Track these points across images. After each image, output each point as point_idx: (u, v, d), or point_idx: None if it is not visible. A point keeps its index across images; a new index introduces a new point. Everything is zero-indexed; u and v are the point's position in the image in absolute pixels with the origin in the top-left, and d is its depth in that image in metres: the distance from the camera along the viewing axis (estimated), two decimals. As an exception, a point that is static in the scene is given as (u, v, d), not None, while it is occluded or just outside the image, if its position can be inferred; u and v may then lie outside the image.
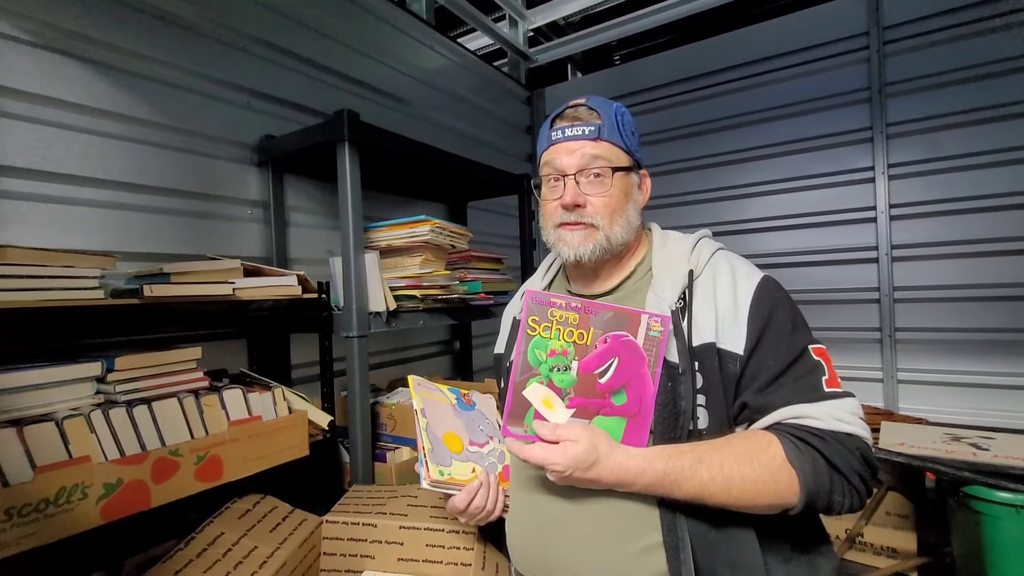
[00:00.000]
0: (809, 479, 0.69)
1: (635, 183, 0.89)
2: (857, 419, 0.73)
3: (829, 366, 0.76)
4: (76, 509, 0.86)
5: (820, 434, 0.71)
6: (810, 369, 0.75)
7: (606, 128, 0.85)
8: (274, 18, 1.67)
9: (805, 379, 0.75)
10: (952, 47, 2.09)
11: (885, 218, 2.20)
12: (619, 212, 0.85)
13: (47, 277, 0.92)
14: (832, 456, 0.70)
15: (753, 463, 0.70)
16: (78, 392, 0.94)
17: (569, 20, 3.29)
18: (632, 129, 0.89)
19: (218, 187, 1.53)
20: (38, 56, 1.18)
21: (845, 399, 0.74)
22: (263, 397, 1.20)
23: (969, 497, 1.21)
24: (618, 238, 0.85)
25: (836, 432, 0.71)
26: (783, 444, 0.71)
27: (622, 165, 0.86)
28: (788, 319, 0.78)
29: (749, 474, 0.70)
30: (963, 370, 2.10)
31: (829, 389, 0.74)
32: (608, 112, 0.86)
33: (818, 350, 0.77)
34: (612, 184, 0.84)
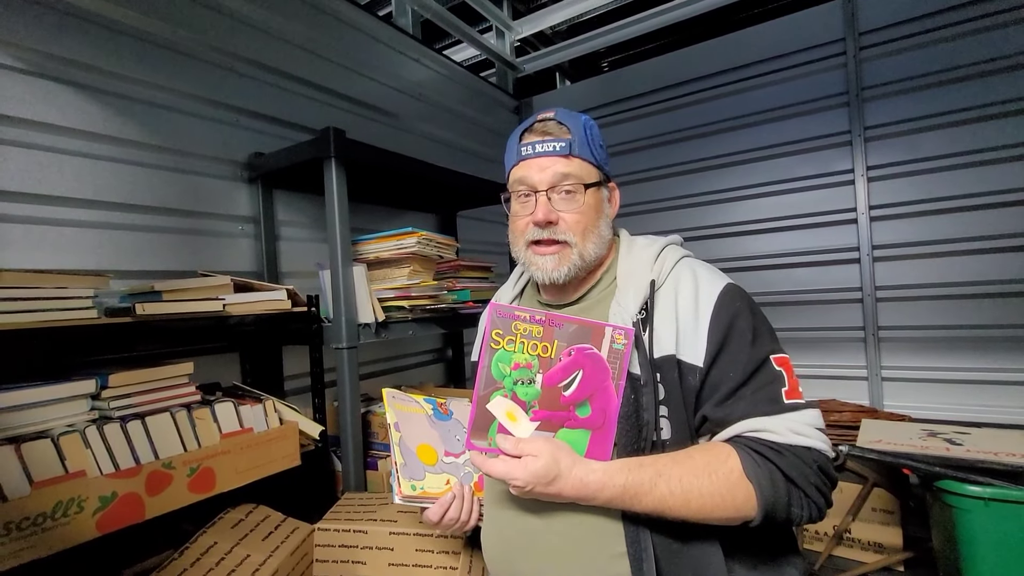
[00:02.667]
0: (766, 493, 0.70)
1: (605, 197, 0.90)
2: (815, 431, 0.73)
3: (790, 376, 0.76)
4: (73, 522, 0.89)
5: (777, 447, 0.71)
6: (770, 380, 0.76)
7: (576, 143, 0.85)
8: (261, 37, 1.72)
9: (764, 391, 0.75)
10: (927, 51, 2.14)
11: (865, 219, 2.25)
12: (591, 228, 0.86)
13: (42, 299, 0.95)
14: (789, 470, 0.70)
15: (711, 477, 0.71)
16: (73, 409, 0.97)
17: (556, 29, 3.34)
18: (600, 142, 0.89)
19: (209, 204, 1.56)
20: (32, 83, 1.22)
21: (804, 411, 0.74)
22: (254, 409, 1.23)
23: (942, 491, 1.25)
24: (591, 254, 0.86)
25: (793, 446, 0.71)
26: (741, 457, 0.72)
27: (593, 181, 0.86)
28: (748, 328, 0.78)
29: (707, 488, 0.70)
30: (945, 366, 2.14)
31: (789, 401, 0.74)
32: (578, 127, 0.86)
33: (780, 360, 0.77)
34: (584, 201, 0.85)
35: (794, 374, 0.77)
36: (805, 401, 0.75)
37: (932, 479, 1.27)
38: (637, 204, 2.79)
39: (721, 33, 2.63)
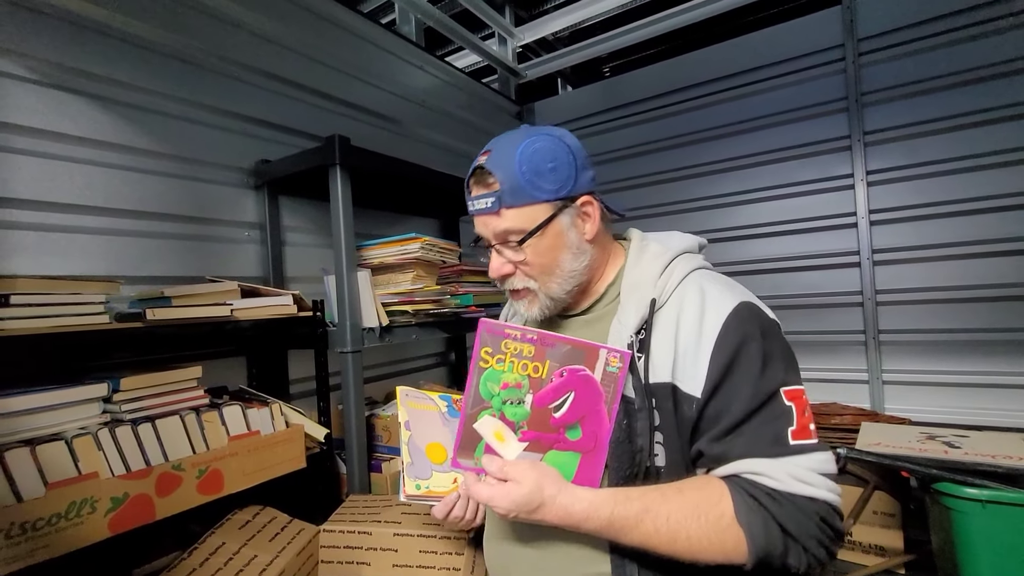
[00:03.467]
0: (759, 542, 0.65)
1: (567, 224, 0.80)
2: (821, 479, 0.66)
3: (801, 412, 0.69)
4: (86, 523, 0.92)
5: (775, 495, 0.66)
6: (775, 416, 0.69)
7: (506, 193, 0.77)
8: (267, 47, 1.75)
9: (768, 428, 0.68)
10: (925, 57, 2.16)
11: (865, 223, 2.26)
12: (550, 268, 0.81)
13: (56, 304, 0.97)
14: (786, 521, 0.65)
15: (700, 519, 0.67)
16: (86, 412, 0.99)
17: (558, 36, 3.37)
18: (551, 164, 0.78)
19: (216, 211, 1.59)
20: (44, 94, 1.25)
21: (812, 454, 0.67)
22: (261, 412, 1.26)
23: (940, 494, 1.26)
24: (559, 292, 0.82)
25: (793, 495, 0.65)
26: (735, 500, 0.67)
27: (536, 225, 0.78)
28: (758, 356, 0.70)
29: (695, 531, 0.66)
30: (946, 370, 2.15)
31: (795, 442, 0.67)
32: (508, 170, 0.77)
33: (792, 393, 0.70)
34: (528, 250, 0.80)
35: (807, 410, 0.70)
36: (815, 442, 0.68)
37: (930, 481, 1.29)
38: (640, 208, 2.81)
39: (722, 39, 2.66)
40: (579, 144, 0.84)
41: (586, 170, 0.82)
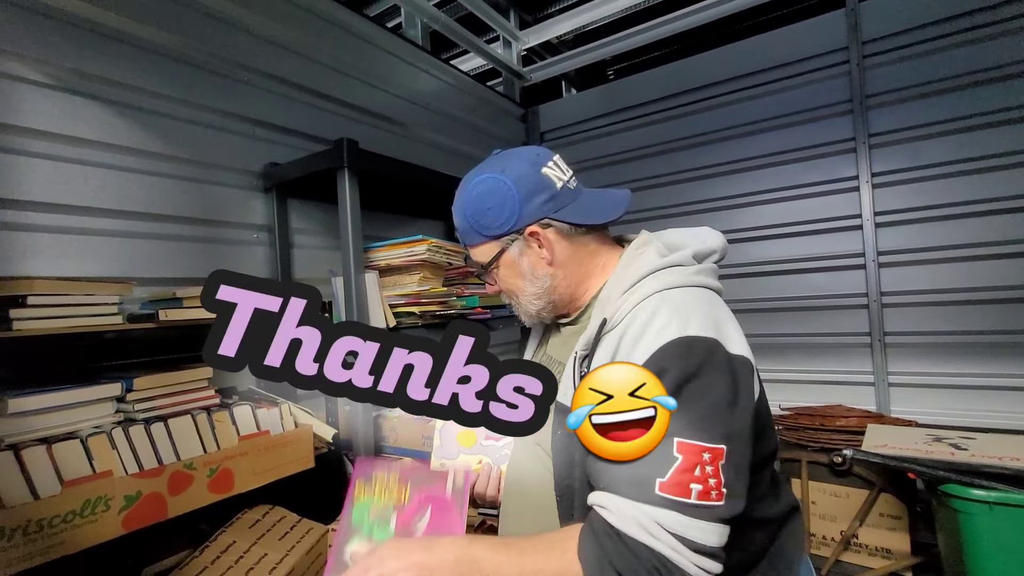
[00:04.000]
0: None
1: (516, 254, 0.84)
2: (667, 535, 0.61)
3: (686, 470, 0.63)
4: (100, 520, 0.93)
5: (612, 534, 0.63)
6: (651, 462, 0.64)
7: (462, 235, 0.89)
8: (277, 51, 1.77)
9: (637, 471, 0.65)
10: (929, 60, 2.16)
11: (871, 225, 2.26)
12: (513, 292, 0.89)
13: (71, 305, 0.99)
14: (616, 560, 0.62)
15: (549, 554, 0.67)
16: (100, 411, 1.01)
17: (562, 39, 3.39)
18: (488, 207, 0.82)
19: (226, 213, 1.61)
20: (59, 98, 1.27)
21: (669, 511, 0.61)
22: (271, 412, 1.27)
23: (947, 495, 1.26)
24: (531, 309, 0.88)
25: (631, 538, 0.62)
26: (582, 535, 0.66)
27: (488, 260, 0.86)
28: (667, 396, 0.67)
29: (542, 564, 0.66)
30: (952, 372, 2.15)
31: (659, 493, 0.62)
32: (458, 216, 0.88)
33: (686, 446, 0.63)
34: (495, 276, 0.89)
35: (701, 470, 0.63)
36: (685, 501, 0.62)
37: (937, 483, 1.29)
38: (644, 211, 2.81)
39: (726, 42, 2.67)
40: (529, 171, 0.82)
41: (535, 197, 0.81)
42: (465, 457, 0.99)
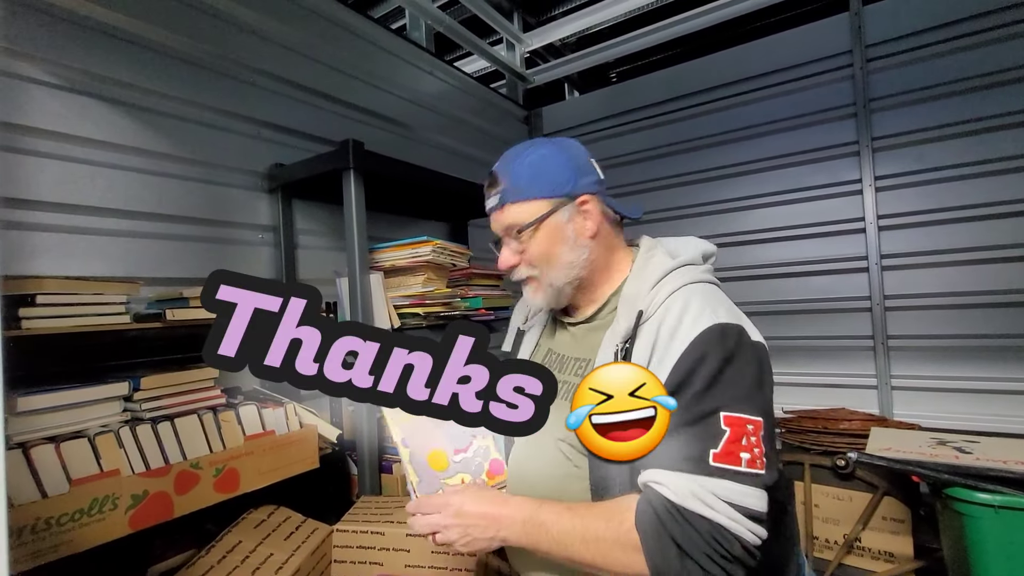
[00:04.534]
0: (652, 550, 0.67)
1: (564, 220, 0.86)
2: (724, 505, 0.66)
3: (734, 441, 0.69)
4: (107, 519, 0.94)
5: (671, 508, 0.67)
6: (703, 436, 0.70)
7: (509, 191, 0.87)
8: (282, 53, 1.78)
9: (691, 446, 0.70)
10: (933, 63, 2.16)
11: (874, 228, 2.26)
12: (550, 258, 0.87)
13: (80, 304, 1.00)
14: (676, 534, 0.66)
15: (609, 522, 0.70)
16: (108, 410, 1.02)
17: (565, 41, 3.40)
18: (559, 164, 0.86)
19: (232, 214, 1.62)
20: (67, 98, 1.27)
21: (726, 481, 0.67)
22: (276, 412, 1.27)
23: (952, 499, 1.26)
24: (560, 281, 0.87)
25: (687, 510, 0.66)
26: (638, 509, 0.70)
27: (534, 219, 0.85)
28: (708, 376, 0.72)
29: (603, 532, 0.70)
30: (955, 376, 2.14)
31: (715, 464, 0.68)
32: (511, 171, 0.87)
33: (732, 419, 0.70)
34: (528, 243, 0.87)
35: (746, 440, 0.70)
36: (740, 471, 0.68)
37: (942, 487, 1.29)
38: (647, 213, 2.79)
39: (729, 46, 2.67)
40: (584, 153, 0.91)
41: (588, 175, 0.89)
42: (448, 482, 0.92)
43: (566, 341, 0.95)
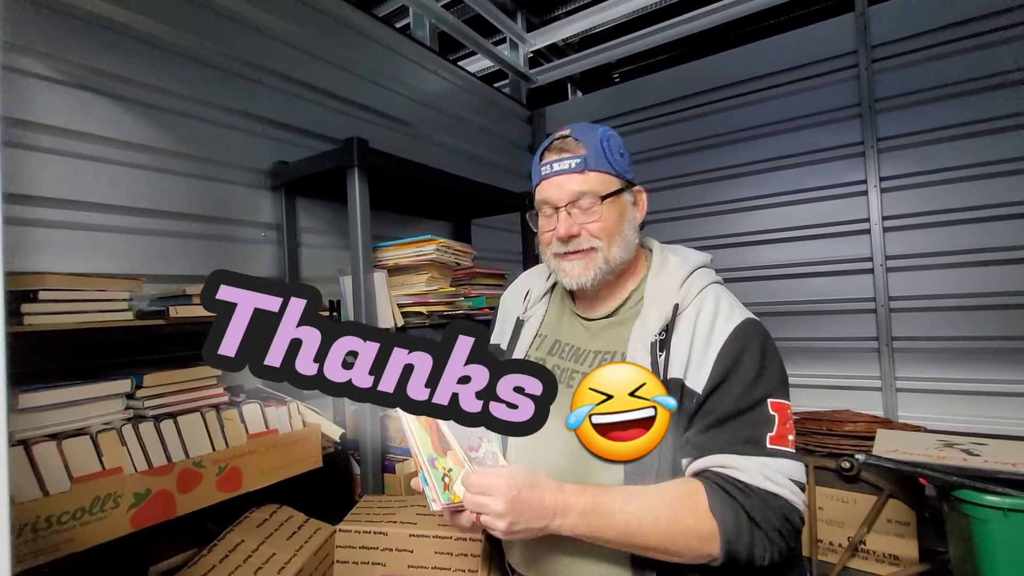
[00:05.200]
0: (729, 530, 0.71)
1: (629, 202, 0.91)
2: (788, 481, 0.73)
3: (783, 423, 0.76)
4: (109, 517, 0.92)
5: (744, 488, 0.72)
6: (758, 422, 0.76)
7: (592, 158, 0.87)
8: (286, 50, 1.77)
9: (749, 430, 0.76)
10: (938, 64, 2.16)
11: (879, 230, 2.25)
12: (615, 233, 0.88)
13: (82, 300, 0.99)
14: (753, 511, 0.71)
15: (678, 506, 0.72)
16: (110, 408, 1.00)
17: (569, 41, 3.39)
18: (621, 150, 0.91)
19: (235, 211, 1.61)
20: (70, 94, 1.27)
21: (783, 460, 0.74)
22: (279, 411, 1.26)
23: (960, 501, 1.25)
24: (617, 258, 0.88)
25: (760, 489, 0.72)
26: (708, 493, 0.73)
27: (612, 190, 0.87)
28: (754, 366, 0.78)
29: (676, 515, 0.72)
30: (960, 378, 2.13)
31: (771, 446, 0.75)
32: (593, 141, 0.88)
33: (777, 405, 0.77)
34: (603, 211, 0.87)
35: (789, 423, 0.77)
36: (790, 451, 0.76)
37: (950, 489, 1.28)
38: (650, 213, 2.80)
39: (734, 46, 2.67)
40: None
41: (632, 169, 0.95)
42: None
43: (580, 334, 0.95)
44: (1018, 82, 2.01)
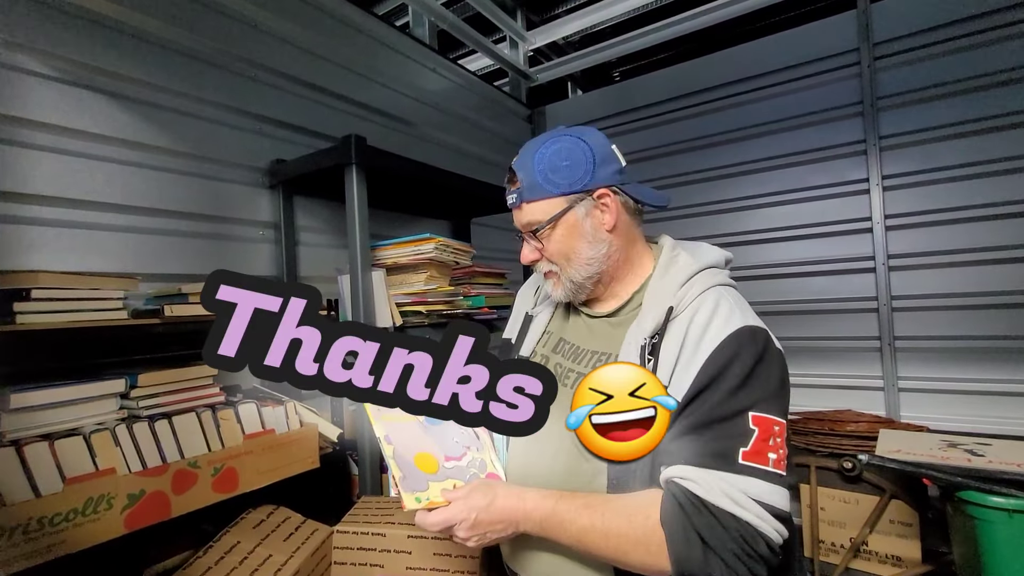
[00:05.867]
0: (678, 546, 0.67)
1: (582, 216, 0.85)
2: (752, 503, 0.66)
3: (762, 440, 0.69)
4: (102, 519, 0.91)
5: (699, 504, 0.67)
6: (732, 435, 0.70)
7: (526, 189, 0.86)
8: (283, 48, 1.76)
9: (719, 442, 0.70)
10: (940, 61, 2.14)
11: (881, 228, 2.24)
12: (567, 255, 0.87)
13: (76, 299, 0.98)
14: (703, 530, 0.66)
15: (631, 519, 0.70)
16: (104, 408, 0.99)
17: (569, 40, 3.38)
18: (564, 163, 0.84)
19: (232, 210, 1.59)
20: (65, 91, 1.25)
21: (755, 479, 0.67)
22: (276, 411, 1.25)
23: (964, 502, 1.24)
24: (580, 276, 0.87)
25: (715, 507, 0.66)
26: (663, 503, 0.69)
27: (551, 216, 0.85)
28: (739, 375, 0.72)
29: (625, 528, 0.69)
30: (963, 378, 2.12)
31: (743, 462, 0.68)
32: (528, 169, 0.86)
33: (760, 419, 0.70)
34: (550, 235, 0.87)
35: (773, 440, 0.70)
36: (768, 471, 0.68)
37: (954, 490, 1.26)
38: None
39: (735, 44, 2.65)
40: (604, 141, 0.89)
41: (608, 164, 0.86)
42: (435, 485, 0.86)
43: (582, 332, 0.94)
44: (1021, 79, 1.99)
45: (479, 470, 0.92)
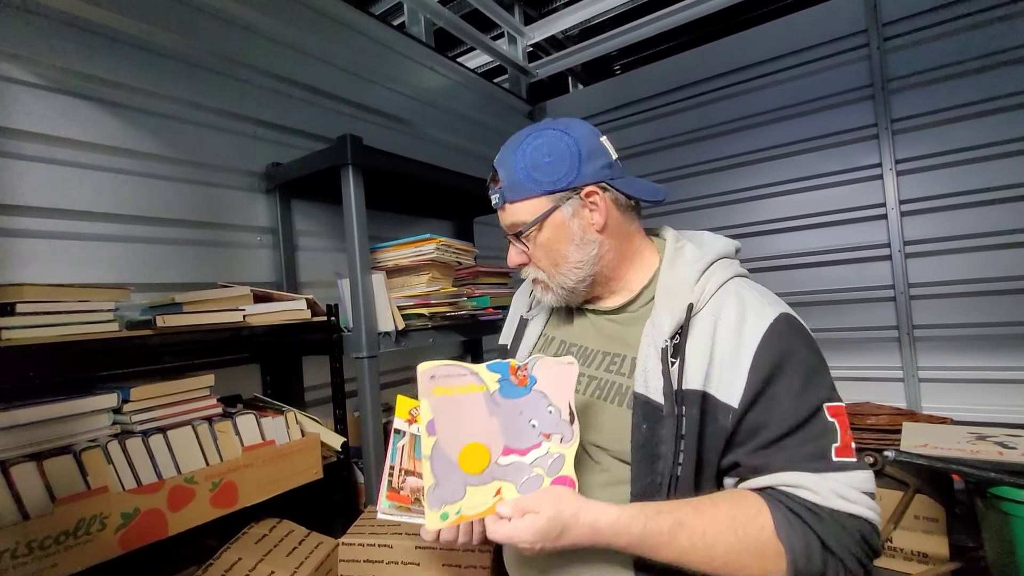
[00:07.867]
0: (799, 559, 0.63)
1: (568, 216, 0.79)
2: (864, 497, 0.65)
3: (844, 430, 0.68)
4: (95, 540, 0.88)
5: (817, 510, 0.64)
6: (820, 433, 0.67)
7: (507, 189, 0.81)
8: (276, 49, 1.72)
9: (811, 444, 0.67)
10: (952, 40, 2.07)
11: (896, 214, 2.17)
12: (554, 259, 0.82)
13: (63, 312, 0.94)
14: (827, 537, 0.64)
15: (738, 532, 0.65)
16: (95, 423, 0.96)
17: (568, 34, 3.33)
18: (547, 160, 0.79)
19: (228, 216, 1.56)
20: (52, 99, 1.22)
21: (854, 472, 0.66)
22: (276, 421, 1.21)
23: (997, 498, 1.18)
24: (570, 281, 0.82)
25: (836, 511, 0.64)
26: (774, 515, 0.65)
27: (535, 218, 0.80)
28: (800, 371, 0.69)
29: (733, 544, 0.64)
30: (986, 366, 2.05)
31: (838, 459, 0.66)
32: (509, 167, 0.81)
33: (834, 409, 0.69)
34: (534, 239, 0.82)
35: (849, 428, 0.69)
36: (856, 461, 0.67)
37: (986, 485, 1.20)
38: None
39: (738, 30, 2.58)
40: (592, 134, 0.83)
41: (596, 159, 0.80)
42: (474, 491, 0.69)
43: (588, 332, 0.88)
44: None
45: (547, 471, 0.72)
